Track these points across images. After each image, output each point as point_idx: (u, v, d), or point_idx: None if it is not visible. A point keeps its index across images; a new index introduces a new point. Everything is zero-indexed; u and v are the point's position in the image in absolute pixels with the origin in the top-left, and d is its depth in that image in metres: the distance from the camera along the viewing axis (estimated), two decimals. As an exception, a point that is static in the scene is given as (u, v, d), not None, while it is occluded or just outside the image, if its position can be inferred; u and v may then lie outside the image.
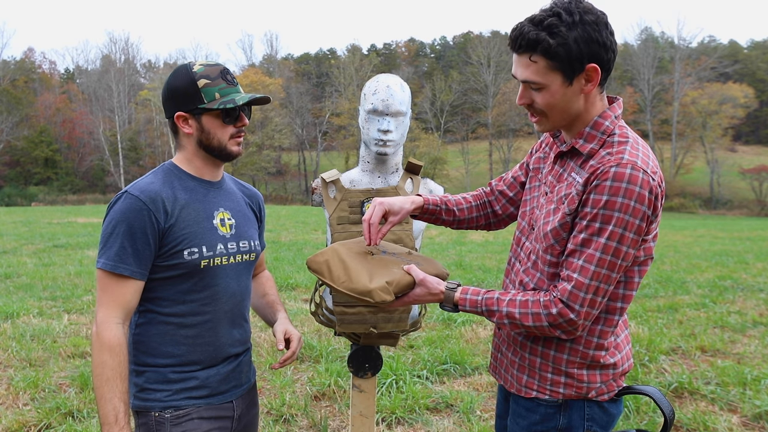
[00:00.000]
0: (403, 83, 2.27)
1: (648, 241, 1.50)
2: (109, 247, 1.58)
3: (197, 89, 1.63)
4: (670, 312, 6.96)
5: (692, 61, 54.26)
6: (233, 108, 1.65)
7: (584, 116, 1.53)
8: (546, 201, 1.60)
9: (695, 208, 46.11)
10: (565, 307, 1.45)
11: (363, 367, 2.38)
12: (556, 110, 1.51)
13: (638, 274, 1.53)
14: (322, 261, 1.72)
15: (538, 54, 1.43)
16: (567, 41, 1.40)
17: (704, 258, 12.65)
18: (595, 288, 1.44)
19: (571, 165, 1.56)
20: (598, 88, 1.50)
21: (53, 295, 7.65)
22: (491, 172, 55.09)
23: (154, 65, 69.68)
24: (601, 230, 1.42)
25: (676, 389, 4.28)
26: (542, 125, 1.56)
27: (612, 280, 1.46)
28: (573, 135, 1.57)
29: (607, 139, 1.51)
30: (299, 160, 58.52)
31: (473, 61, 58.53)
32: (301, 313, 6.54)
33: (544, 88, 1.47)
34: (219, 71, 1.66)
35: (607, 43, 1.44)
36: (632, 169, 1.40)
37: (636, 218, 1.41)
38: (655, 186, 1.42)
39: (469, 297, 1.58)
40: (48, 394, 4.13)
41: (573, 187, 1.50)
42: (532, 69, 1.46)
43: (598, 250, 1.42)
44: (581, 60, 1.43)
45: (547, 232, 1.54)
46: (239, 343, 1.79)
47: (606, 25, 1.44)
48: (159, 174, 1.70)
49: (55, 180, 53.13)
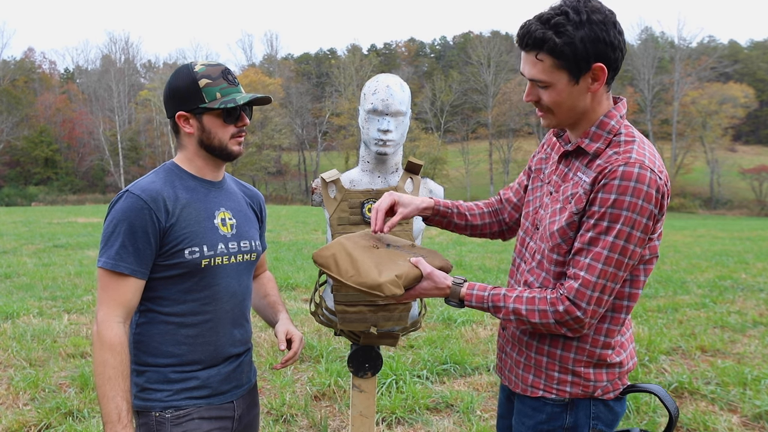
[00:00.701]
0: (403, 83, 2.27)
1: (654, 239, 1.50)
2: (110, 246, 1.58)
3: (198, 89, 1.63)
4: (670, 312, 6.96)
5: (692, 61, 54.23)
6: (234, 108, 1.65)
7: (590, 115, 1.54)
8: (551, 201, 1.60)
9: (695, 208, 46.11)
10: (572, 305, 1.46)
11: (363, 367, 2.38)
12: (563, 108, 1.51)
13: (644, 273, 1.53)
14: (329, 255, 1.68)
15: (545, 52, 1.44)
16: (573, 40, 1.40)
17: (704, 258, 12.66)
18: (602, 286, 1.44)
19: (576, 164, 1.57)
20: (604, 87, 1.51)
21: (53, 295, 7.65)
22: (491, 172, 55.10)
23: (154, 65, 69.74)
24: (609, 229, 1.42)
25: (676, 389, 4.29)
26: (548, 120, 1.57)
27: (619, 278, 1.46)
28: (578, 134, 1.57)
29: (614, 138, 1.51)
30: (299, 160, 58.52)
31: (473, 61, 58.48)
32: (301, 313, 6.54)
33: (551, 87, 1.48)
34: (220, 71, 1.66)
35: (614, 43, 1.44)
36: (640, 168, 1.41)
37: (643, 217, 1.41)
38: (662, 185, 1.43)
39: (476, 293, 1.58)
40: (48, 394, 4.13)
41: (580, 187, 1.50)
42: (538, 67, 1.46)
43: (606, 249, 1.43)
44: (588, 59, 1.43)
45: (554, 231, 1.54)
46: (240, 343, 1.79)
47: (614, 24, 1.44)
48: (160, 173, 1.70)
49: (55, 180, 53.13)
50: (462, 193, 50.40)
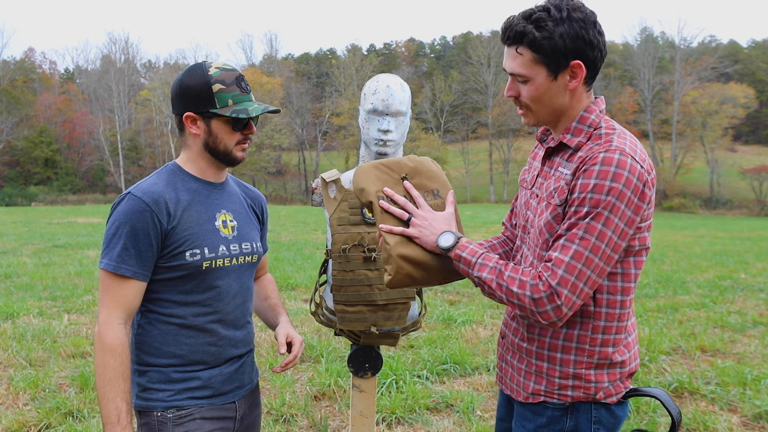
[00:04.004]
0: (403, 83, 2.27)
1: (642, 230, 1.49)
2: (111, 248, 1.59)
3: (211, 93, 1.63)
4: (670, 312, 6.96)
5: (693, 61, 54.24)
6: (245, 117, 1.66)
7: (570, 113, 1.55)
8: (537, 201, 1.61)
9: (695, 208, 46.09)
10: (543, 283, 1.42)
11: (363, 367, 2.38)
12: (541, 104, 1.53)
13: (634, 266, 1.52)
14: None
15: (524, 46, 1.47)
16: (552, 36, 1.44)
17: (704, 258, 12.66)
18: (576, 270, 1.41)
19: (557, 161, 1.58)
20: (584, 86, 1.53)
21: (53, 295, 7.65)
22: (491, 172, 55.12)
23: (154, 65, 69.82)
24: (587, 213, 1.41)
25: (676, 389, 4.29)
26: (527, 118, 1.59)
27: (595, 266, 1.42)
28: (560, 131, 1.59)
29: (594, 132, 1.53)
30: (299, 160, 58.50)
31: (473, 61, 58.52)
32: (301, 313, 6.54)
33: (529, 81, 1.50)
34: (235, 77, 1.66)
35: (593, 42, 1.46)
36: (620, 155, 1.42)
37: (622, 203, 1.40)
38: (643, 173, 1.43)
39: (471, 247, 1.55)
40: (48, 394, 4.14)
41: (562, 180, 1.51)
42: (518, 61, 1.50)
43: (581, 230, 1.41)
44: (566, 55, 1.46)
45: (541, 227, 1.54)
46: (242, 344, 1.79)
47: (594, 24, 1.47)
48: (162, 175, 1.70)
49: (55, 180, 53.14)
50: (462, 193, 50.44)
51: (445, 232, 1.56)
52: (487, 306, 6.94)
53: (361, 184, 1.67)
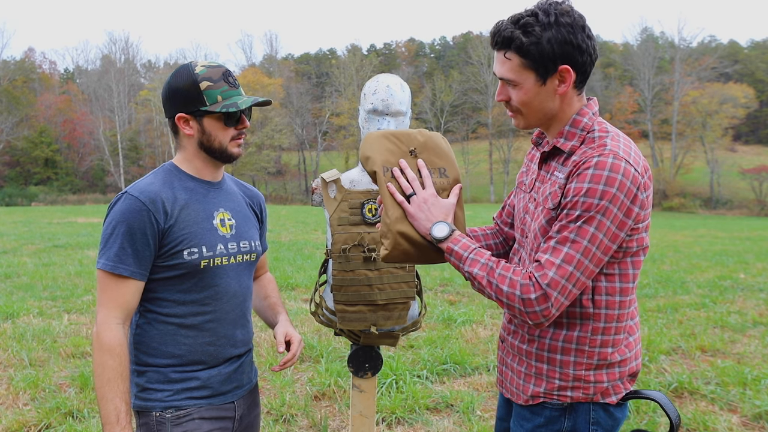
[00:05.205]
0: (403, 83, 2.27)
1: (639, 230, 1.48)
2: (109, 248, 1.59)
3: (200, 91, 1.63)
4: (670, 312, 6.96)
5: (692, 61, 54.24)
6: (235, 111, 1.65)
7: (561, 116, 1.55)
8: (534, 206, 1.61)
9: (695, 208, 46.09)
10: (534, 284, 1.41)
11: (363, 367, 2.38)
12: (530, 108, 1.53)
13: (632, 266, 1.52)
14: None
15: (512, 51, 1.47)
16: (540, 41, 1.43)
17: (704, 258, 12.65)
18: (567, 273, 1.40)
19: (553, 165, 1.58)
20: (574, 90, 1.52)
21: (53, 295, 7.65)
22: (491, 172, 55.12)
23: (154, 65, 69.76)
24: (579, 217, 1.41)
25: (676, 389, 4.29)
26: (518, 120, 1.59)
27: (585, 268, 1.41)
28: (553, 135, 1.58)
29: (587, 135, 1.52)
30: (299, 160, 58.51)
31: (473, 61, 58.49)
32: (301, 313, 6.54)
33: (518, 86, 1.50)
34: (221, 73, 1.66)
35: (582, 46, 1.46)
36: (614, 158, 1.41)
37: (615, 206, 1.40)
38: (637, 176, 1.42)
39: (464, 241, 1.54)
40: (48, 394, 4.13)
41: (556, 184, 1.51)
42: (507, 66, 1.50)
43: (573, 233, 1.41)
44: (554, 60, 1.45)
45: (536, 231, 1.54)
46: (241, 343, 1.79)
47: (583, 28, 1.46)
48: (159, 174, 1.70)
49: (55, 180, 53.15)
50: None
51: (440, 222, 1.55)
52: (487, 306, 6.94)
53: (367, 152, 1.65)
